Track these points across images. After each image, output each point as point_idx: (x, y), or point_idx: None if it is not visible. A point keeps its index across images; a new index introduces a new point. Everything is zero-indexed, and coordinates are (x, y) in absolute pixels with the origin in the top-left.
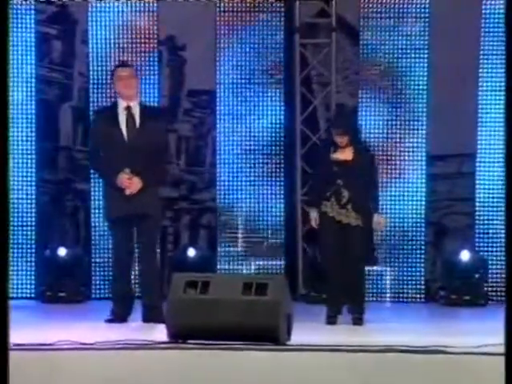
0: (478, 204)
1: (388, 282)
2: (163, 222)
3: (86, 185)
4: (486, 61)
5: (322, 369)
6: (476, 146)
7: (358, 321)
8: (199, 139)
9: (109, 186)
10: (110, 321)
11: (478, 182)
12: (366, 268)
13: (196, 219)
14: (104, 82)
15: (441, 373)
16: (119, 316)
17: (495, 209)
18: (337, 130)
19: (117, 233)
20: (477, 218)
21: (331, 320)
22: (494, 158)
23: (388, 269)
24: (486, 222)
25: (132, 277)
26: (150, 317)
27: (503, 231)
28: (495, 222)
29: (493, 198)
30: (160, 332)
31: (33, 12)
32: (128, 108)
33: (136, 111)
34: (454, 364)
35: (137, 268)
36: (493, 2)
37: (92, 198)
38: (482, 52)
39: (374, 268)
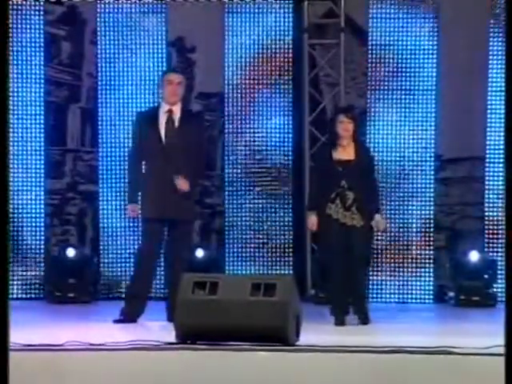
0: (487, 206)
1: (396, 282)
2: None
3: (94, 186)
4: (495, 61)
5: (331, 369)
6: (485, 148)
7: (364, 320)
8: (209, 142)
9: (144, 187)
10: (118, 321)
11: (487, 184)
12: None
13: (206, 219)
14: (113, 82)
15: (449, 374)
16: (130, 316)
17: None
18: (344, 115)
19: (148, 232)
20: (486, 219)
21: (339, 321)
22: (503, 160)
23: (397, 269)
24: (495, 223)
25: (152, 278)
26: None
27: None
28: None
29: (502, 199)
30: (169, 333)
31: (41, 13)
32: (169, 111)
33: (177, 115)
34: (463, 365)
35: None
36: (502, 2)
37: (100, 198)
38: (491, 52)
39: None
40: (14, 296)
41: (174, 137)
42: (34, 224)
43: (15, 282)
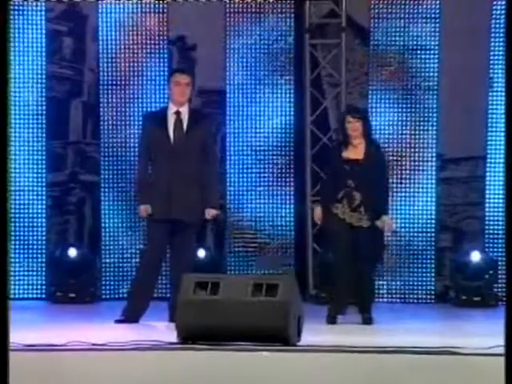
0: (488, 206)
1: (398, 282)
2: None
3: (95, 184)
4: (496, 61)
5: (332, 369)
6: (486, 147)
7: (368, 320)
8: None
9: (153, 187)
10: (120, 321)
11: (488, 184)
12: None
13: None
14: (114, 78)
15: (451, 374)
16: (132, 316)
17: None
18: (351, 115)
19: (153, 233)
20: (487, 219)
21: (331, 320)
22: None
23: (398, 269)
24: (496, 223)
25: (157, 279)
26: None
27: None
28: None
29: (503, 199)
30: (170, 333)
31: (43, 10)
32: (177, 113)
33: (185, 116)
34: (464, 365)
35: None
36: (503, 2)
37: (102, 199)
38: (492, 52)
39: (384, 268)
40: (16, 296)
41: (182, 138)
42: (35, 224)
43: (16, 282)
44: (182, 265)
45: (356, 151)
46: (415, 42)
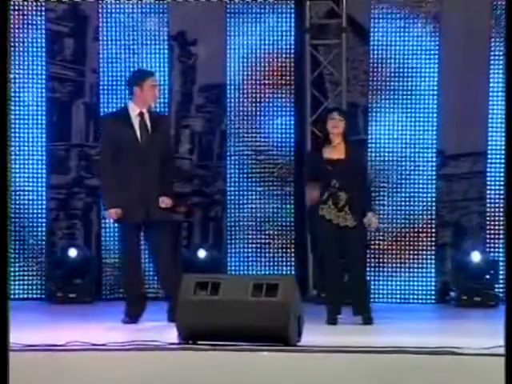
0: (488, 204)
1: (398, 282)
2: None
3: (96, 186)
4: (496, 60)
5: (332, 370)
6: (487, 144)
7: (368, 320)
8: (211, 134)
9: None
10: (126, 322)
11: (488, 181)
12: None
13: (207, 214)
14: (115, 79)
15: (451, 374)
16: (131, 317)
17: None
18: (336, 112)
19: (128, 234)
20: (488, 218)
21: (332, 321)
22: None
23: (398, 269)
24: (497, 222)
25: (143, 277)
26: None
27: None
28: None
29: (504, 196)
30: (171, 333)
31: (43, 10)
32: (141, 114)
33: (147, 117)
34: (464, 365)
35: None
36: (503, 2)
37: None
38: (492, 51)
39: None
40: (16, 296)
41: (148, 138)
42: (35, 224)
43: (17, 283)
44: (167, 263)
45: (336, 151)
46: (415, 42)
